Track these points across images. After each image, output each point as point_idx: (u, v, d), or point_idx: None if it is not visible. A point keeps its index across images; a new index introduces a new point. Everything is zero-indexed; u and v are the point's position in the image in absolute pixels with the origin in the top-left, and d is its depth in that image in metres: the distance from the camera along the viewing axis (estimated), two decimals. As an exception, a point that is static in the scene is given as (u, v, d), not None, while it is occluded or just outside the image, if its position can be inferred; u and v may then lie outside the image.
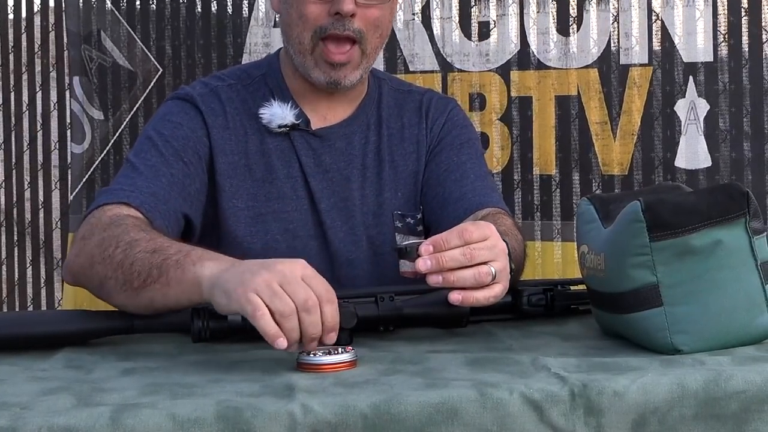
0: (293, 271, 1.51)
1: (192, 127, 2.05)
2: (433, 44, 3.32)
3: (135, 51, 3.52)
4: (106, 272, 1.75)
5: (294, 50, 2.06)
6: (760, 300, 1.54)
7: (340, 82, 2.04)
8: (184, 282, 1.64)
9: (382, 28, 2.07)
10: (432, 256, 1.55)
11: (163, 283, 1.66)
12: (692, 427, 1.35)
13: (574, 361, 1.47)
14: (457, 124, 2.22)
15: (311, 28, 2.01)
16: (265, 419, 1.26)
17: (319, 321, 1.49)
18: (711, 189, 1.59)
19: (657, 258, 1.51)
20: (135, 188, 1.94)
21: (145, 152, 2.02)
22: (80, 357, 1.59)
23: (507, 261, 1.63)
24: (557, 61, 3.25)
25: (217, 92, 2.11)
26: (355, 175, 2.12)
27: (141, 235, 1.77)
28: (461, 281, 1.57)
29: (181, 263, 1.66)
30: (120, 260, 1.73)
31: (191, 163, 2.02)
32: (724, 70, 3.15)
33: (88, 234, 1.84)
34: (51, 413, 1.26)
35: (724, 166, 3.15)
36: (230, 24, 3.46)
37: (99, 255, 1.77)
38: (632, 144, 3.19)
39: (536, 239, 3.29)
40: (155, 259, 1.69)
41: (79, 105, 3.56)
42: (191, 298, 1.64)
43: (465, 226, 1.60)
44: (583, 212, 1.71)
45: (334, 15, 1.99)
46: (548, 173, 3.27)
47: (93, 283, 1.80)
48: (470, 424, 1.30)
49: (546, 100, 3.26)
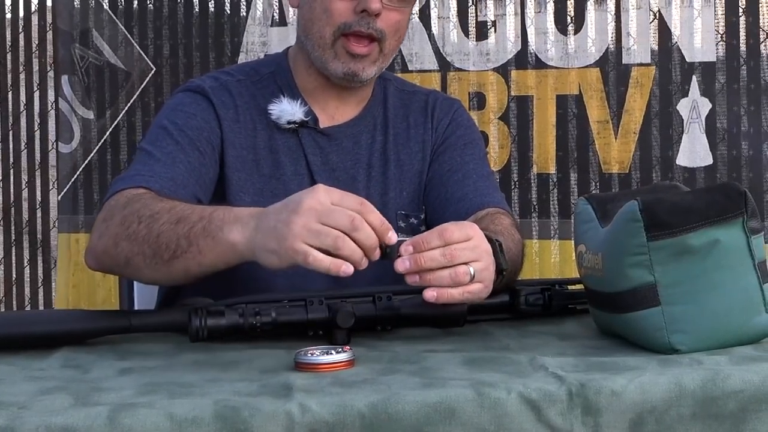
0: (323, 203, 1.55)
1: (205, 118, 2.06)
2: (433, 43, 3.33)
3: (129, 50, 3.52)
4: (132, 248, 1.77)
5: (312, 44, 2.06)
6: (758, 299, 1.54)
7: (357, 74, 2.04)
8: (217, 249, 1.68)
9: (400, 33, 2.09)
10: (411, 256, 1.55)
11: (195, 253, 1.70)
12: (690, 427, 1.35)
13: (572, 361, 1.47)
14: (461, 125, 2.23)
15: (335, 24, 2.02)
16: (263, 419, 1.26)
17: (371, 232, 1.54)
18: (708, 188, 1.59)
19: (654, 257, 1.51)
20: (153, 173, 1.95)
21: (160, 140, 2.02)
22: (78, 356, 1.59)
23: (490, 261, 1.63)
24: (558, 61, 3.26)
25: (228, 86, 2.11)
26: (361, 174, 2.13)
27: (160, 205, 1.79)
28: (438, 280, 1.57)
29: (207, 230, 1.69)
30: (145, 235, 1.75)
31: (206, 152, 2.03)
32: (723, 70, 3.16)
33: (108, 216, 1.85)
34: (49, 413, 1.26)
35: (722, 165, 3.16)
36: (227, 23, 3.46)
37: (122, 233, 1.79)
38: (633, 143, 3.21)
39: (534, 238, 3.30)
40: (181, 230, 1.72)
41: (67, 104, 3.56)
42: (228, 262, 1.70)
43: (446, 226, 1.60)
44: (581, 212, 1.71)
45: (360, 12, 2.00)
46: (547, 172, 3.28)
47: (119, 262, 1.82)
48: (468, 423, 1.30)
49: (546, 100, 3.26)
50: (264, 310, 1.65)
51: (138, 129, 3.53)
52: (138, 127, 3.53)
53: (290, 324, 1.66)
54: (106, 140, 3.54)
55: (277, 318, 1.65)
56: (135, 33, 3.51)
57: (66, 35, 3.58)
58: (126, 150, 3.54)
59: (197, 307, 1.66)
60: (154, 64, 3.50)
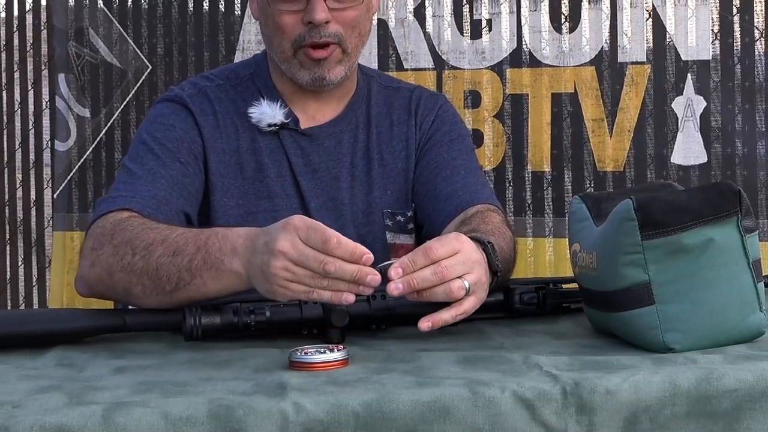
0: (294, 244, 1.56)
1: (184, 128, 2.06)
2: (428, 42, 3.33)
3: (125, 48, 3.51)
4: (130, 279, 1.77)
5: (277, 57, 2.08)
6: (752, 298, 1.54)
7: (324, 77, 2.05)
8: (224, 281, 1.69)
9: (360, 27, 2.08)
10: (402, 279, 1.55)
11: (199, 285, 1.70)
12: (684, 426, 1.35)
13: (566, 360, 1.47)
14: (446, 121, 2.22)
15: (290, 38, 2.03)
16: (257, 418, 1.26)
17: (345, 267, 1.53)
18: (703, 187, 1.59)
19: (649, 256, 1.51)
20: (135, 193, 1.95)
21: (141, 157, 2.03)
22: (72, 355, 1.59)
23: (482, 272, 1.63)
24: (554, 59, 3.26)
25: (206, 92, 2.12)
26: (344, 174, 2.13)
27: (152, 236, 1.78)
28: (433, 297, 1.57)
29: (208, 263, 1.69)
30: (142, 267, 1.75)
31: (188, 162, 2.03)
32: (718, 68, 3.16)
33: (97, 245, 1.84)
34: (43, 412, 1.26)
35: (716, 163, 3.16)
36: (222, 22, 3.46)
37: (117, 264, 1.79)
38: (628, 141, 3.21)
39: (528, 236, 3.30)
40: (180, 262, 1.72)
41: (64, 102, 3.55)
42: (236, 289, 1.70)
43: (430, 244, 1.59)
44: (575, 210, 1.71)
45: (307, 24, 2.01)
46: (541, 170, 3.28)
47: (116, 291, 1.82)
48: (462, 422, 1.30)
49: (541, 98, 3.26)
50: (258, 309, 1.66)
51: (133, 127, 3.52)
52: (133, 125, 3.52)
53: (284, 323, 1.66)
54: (101, 139, 3.53)
55: (272, 317, 1.66)
56: (130, 31, 3.50)
57: (61, 33, 3.57)
58: (121, 148, 3.53)
59: (191, 306, 1.66)
60: (149, 62, 3.49)
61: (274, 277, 1.57)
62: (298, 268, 1.55)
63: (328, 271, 1.52)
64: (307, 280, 1.54)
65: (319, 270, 1.53)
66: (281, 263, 1.55)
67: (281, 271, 1.55)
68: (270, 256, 1.57)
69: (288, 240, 1.56)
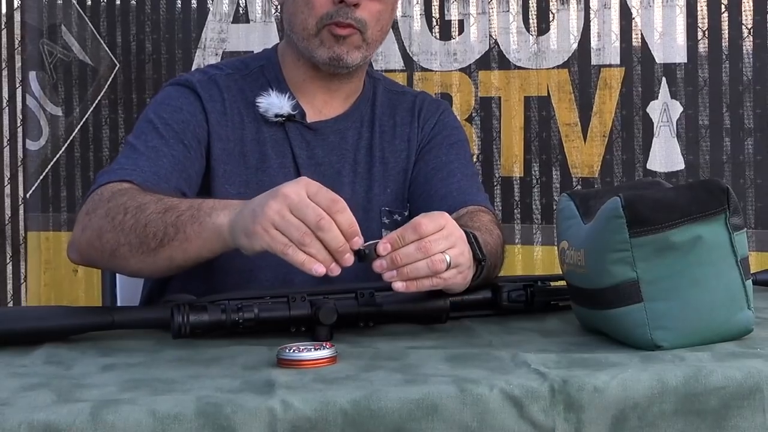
0: (299, 193, 1.56)
1: (191, 112, 2.08)
2: (399, 43, 3.32)
3: (95, 45, 3.50)
4: (118, 239, 1.78)
5: (298, 36, 2.09)
6: (740, 296, 1.54)
7: (342, 57, 2.07)
8: (204, 234, 1.70)
9: (382, 22, 2.11)
10: (388, 256, 1.57)
11: (182, 240, 1.72)
12: (672, 423, 1.35)
13: (554, 357, 1.47)
14: (447, 125, 2.26)
15: (317, 15, 2.05)
16: (245, 415, 1.26)
17: (338, 234, 1.54)
18: (691, 185, 1.59)
19: (637, 254, 1.51)
20: (137, 167, 1.97)
21: (145, 134, 2.05)
22: (60, 353, 1.59)
23: (465, 247, 1.65)
24: (527, 62, 3.25)
25: (216, 80, 2.14)
26: (346, 169, 2.16)
27: (148, 197, 1.80)
28: (415, 272, 1.58)
29: (196, 217, 1.71)
30: (132, 225, 1.77)
31: (191, 146, 2.05)
32: (701, 69, 3.15)
33: (91, 209, 1.87)
34: (31, 409, 1.25)
35: (704, 163, 3.16)
36: (194, 19, 3.44)
37: (108, 224, 1.80)
38: (603, 146, 3.20)
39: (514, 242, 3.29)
40: (169, 218, 1.73)
41: (35, 101, 3.54)
42: (213, 249, 1.71)
43: (418, 220, 1.61)
44: (563, 208, 1.72)
45: (339, 3, 2.03)
46: (511, 175, 3.27)
47: (104, 254, 1.83)
48: (450, 419, 1.30)
49: (514, 101, 3.25)
50: (246, 306, 1.65)
51: (105, 126, 3.50)
52: (105, 124, 3.50)
53: (273, 320, 1.66)
54: (74, 137, 3.51)
55: (260, 314, 1.65)
56: (103, 29, 3.48)
57: (34, 30, 3.55)
58: (95, 147, 3.50)
59: (180, 303, 1.66)
60: (120, 60, 3.48)
61: (262, 217, 1.56)
62: (291, 216, 1.54)
63: (321, 227, 1.53)
64: (292, 232, 1.54)
65: (313, 223, 1.53)
66: (278, 206, 1.55)
67: (274, 213, 1.55)
68: (271, 197, 1.58)
69: (295, 188, 1.57)
